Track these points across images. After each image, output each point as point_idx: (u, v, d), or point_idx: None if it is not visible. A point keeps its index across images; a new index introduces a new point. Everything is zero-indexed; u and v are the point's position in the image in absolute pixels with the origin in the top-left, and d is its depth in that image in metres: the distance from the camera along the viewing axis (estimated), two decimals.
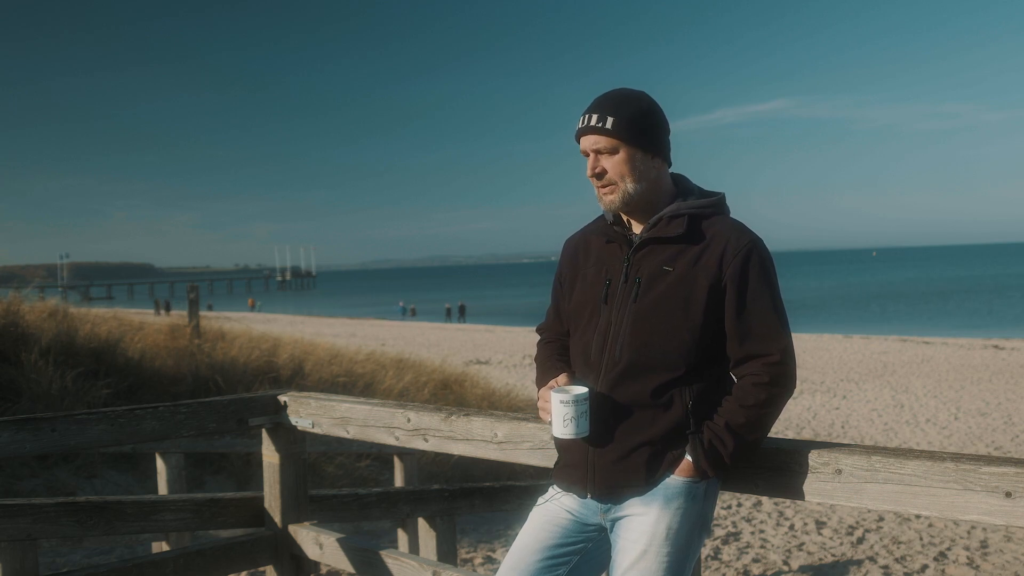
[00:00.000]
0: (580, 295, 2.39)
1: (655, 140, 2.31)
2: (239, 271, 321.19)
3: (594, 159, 2.31)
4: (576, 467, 2.31)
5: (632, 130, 2.27)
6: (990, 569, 6.33)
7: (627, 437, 2.23)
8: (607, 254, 2.36)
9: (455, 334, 35.06)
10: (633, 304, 2.25)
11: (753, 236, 2.26)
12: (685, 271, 2.22)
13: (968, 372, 19.82)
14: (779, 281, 2.27)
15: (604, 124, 2.27)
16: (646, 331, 2.22)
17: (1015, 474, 1.88)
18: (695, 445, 2.18)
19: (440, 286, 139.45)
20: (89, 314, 10.83)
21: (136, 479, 7.52)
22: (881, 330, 35.08)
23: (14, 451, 2.95)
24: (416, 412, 3.06)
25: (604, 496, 2.27)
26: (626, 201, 2.29)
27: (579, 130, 2.33)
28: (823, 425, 13.63)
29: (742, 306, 2.20)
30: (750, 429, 2.18)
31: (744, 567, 6.43)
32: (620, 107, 2.29)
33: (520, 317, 49.40)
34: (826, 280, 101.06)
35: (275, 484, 3.48)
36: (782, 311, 2.24)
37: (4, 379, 7.55)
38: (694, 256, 2.23)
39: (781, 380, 2.19)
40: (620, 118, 2.27)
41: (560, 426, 2.23)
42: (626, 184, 2.28)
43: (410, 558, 3.19)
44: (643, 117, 2.30)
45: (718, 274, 2.20)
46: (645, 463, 2.21)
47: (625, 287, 2.28)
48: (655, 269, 2.25)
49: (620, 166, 2.28)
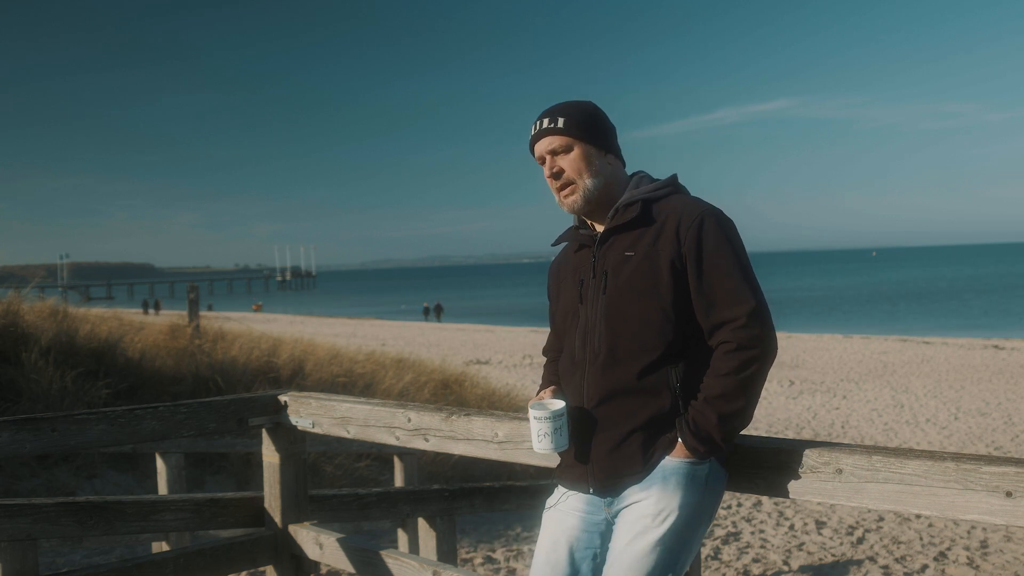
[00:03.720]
0: (563, 305, 2.44)
1: (606, 137, 2.38)
2: (239, 271, 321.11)
3: (551, 161, 2.35)
4: (575, 464, 2.33)
5: (584, 127, 2.33)
6: (990, 569, 6.33)
7: (618, 425, 2.24)
8: (580, 260, 2.42)
9: (455, 334, 35.05)
10: (603, 295, 2.29)
11: (706, 206, 2.27)
12: (646, 252, 2.25)
13: (968, 372, 19.81)
14: (748, 253, 2.25)
15: (556, 124, 2.33)
16: (619, 318, 2.25)
17: (1015, 474, 1.88)
18: (682, 425, 2.19)
19: (440, 286, 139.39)
20: (89, 314, 10.83)
21: (136, 479, 7.52)
22: (881, 330, 35.07)
23: (14, 451, 2.95)
24: (416, 412, 3.06)
25: (605, 489, 2.28)
26: (587, 199, 2.33)
27: (532, 136, 2.38)
28: (823, 425, 13.63)
29: (701, 275, 2.20)
30: (728, 399, 2.15)
31: (744, 567, 6.43)
32: (568, 109, 2.36)
33: (520, 317, 49.41)
34: (826, 280, 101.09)
35: (275, 484, 3.48)
36: (747, 273, 2.21)
37: (4, 379, 7.54)
38: (652, 236, 2.25)
39: (751, 343, 2.15)
40: (570, 117, 2.34)
41: (536, 441, 2.28)
42: (584, 180, 2.32)
43: (410, 558, 3.19)
44: (591, 116, 2.37)
45: (676, 248, 2.22)
46: (640, 448, 2.22)
47: (595, 282, 2.32)
48: (618, 257, 2.29)
49: (576, 163, 2.33)
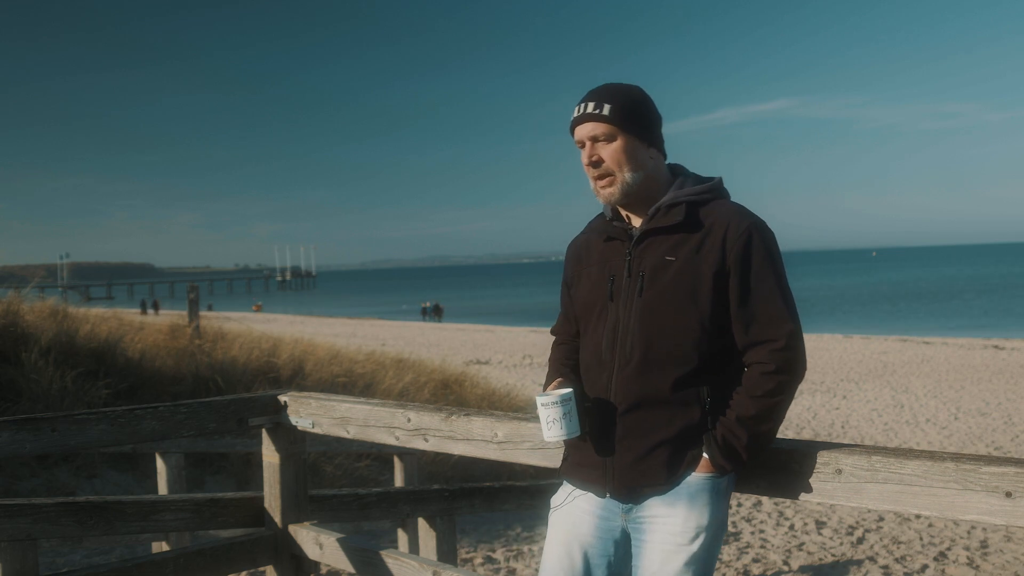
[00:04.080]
0: (586, 295, 2.34)
1: (651, 129, 2.27)
2: (239, 271, 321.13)
3: (590, 148, 2.24)
4: (594, 466, 2.26)
5: (630, 117, 2.22)
6: (990, 569, 6.33)
7: (646, 436, 2.18)
8: (609, 251, 2.31)
9: (455, 334, 35.05)
10: (639, 298, 2.20)
11: (754, 218, 2.22)
12: (688, 260, 2.17)
13: (968, 372, 19.80)
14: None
15: (601, 111, 2.21)
16: (655, 324, 2.18)
17: (1015, 474, 1.88)
18: (710, 442, 2.15)
19: (440, 286, 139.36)
20: (89, 314, 10.82)
21: (136, 479, 7.52)
22: (881, 330, 35.06)
23: (14, 451, 2.95)
24: (416, 412, 3.06)
25: (624, 497, 2.23)
26: (625, 192, 2.24)
27: (575, 119, 2.26)
28: (823, 425, 13.63)
29: (745, 291, 2.16)
30: (761, 420, 2.14)
31: (744, 567, 6.43)
32: (616, 95, 2.24)
33: (520, 317, 49.42)
34: (826, 280, 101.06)
35: (275, 484, 3.48)
36: (788, 294, 2.19)
37: (4, 379, 7.54)
38: (696, 244, 2.18)
39: (788, 367, 2.15)
40: (617, 105, 2.22)
41: (546, 429, 2.21)
42: (624, 174, 2.23)
43: (410, 558, 3.18)
44: (639, 105, 2.26)
45: (721, 260, 2.15)
46: (665, 463, 2.17)
47: (629, 281, 2.23)
48: (658, 260, 2.20)
49: (618, 154, 2.22)
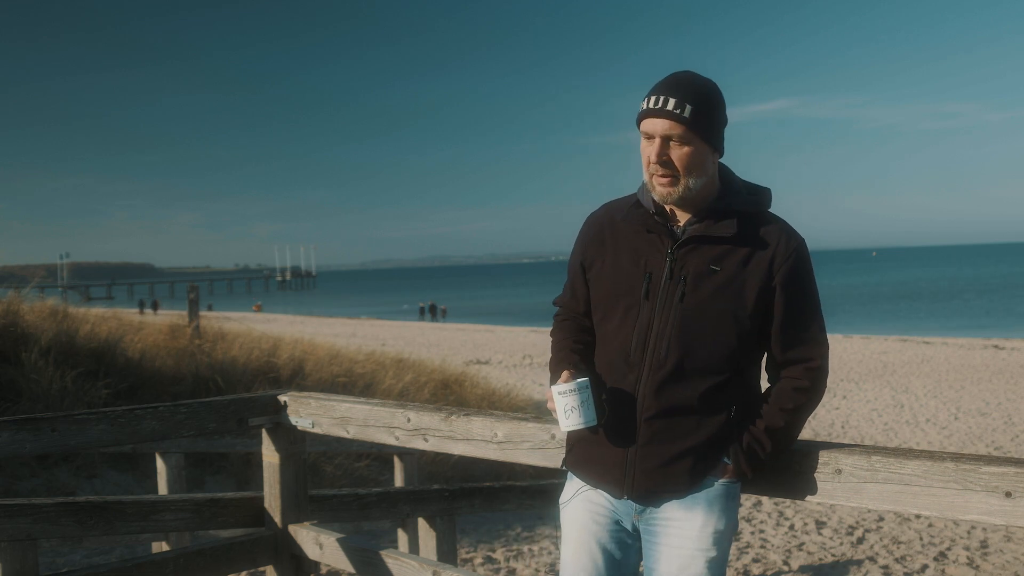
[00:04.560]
0: (612, 284, 2.25)
1: (721, 135, 2.21)
2: (239, 271, 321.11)
3: (661, 145, 2.14)
4: (611, 466, 2.22)
5: (709, 125, 2.14)
6: (990, 569, 6.33)
7: (671, 443, 2.16)
8: (646, 245, 2.22)
9: (455, 334, 35.04)
10: (679, 304, 2.14)
11: (800, 239, 2.20)
12: (734, 272, 2.14)
13: (968, 372, 19.80)
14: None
15: (683, 112, 2.11)
16: (694, 333, 2.14)
17: (1015, 474, 1.89)
18: (736, 450, 2.16)
19: (440, 286, 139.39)
20: (89, 314, 10.82)
21: (136, 479, 7.52)
22: (881, 330, 35.03)
23: (14, 451, 2.95)
24: (416, 412, 3.06)
25: (642, 500, 2.21)
26: (684, 196, 2.17)
27: (651, 110, 2.13)
28: (823, 425, 13.63)
29: (791, 311, 2.16)
30: (788, 431, 2.18)
31: (744, 567, 6.43)
32: (697, 96, 2.13)
33: (520, 317, 49.39)
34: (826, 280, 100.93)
35: (275, 484, 3.48)
36: (821, 315, 2.22)
37: (4, 379, 7.54)
38: (743, 257, 2.14)
39: (819, 384, 2.21)
40: (698, 109, 2.12)
41: (564, 418, 2.17)
42: (689, 179, 2.14)
43: (410, 558, 3.19)
44: (717, 111, 2.18)
45: (768, 277, 2.13)
46: (689, 470, 2.16)
47: (670, 284, 2.16)
48: (702, 268, 2.15)
49: (688, 159, 2.13)
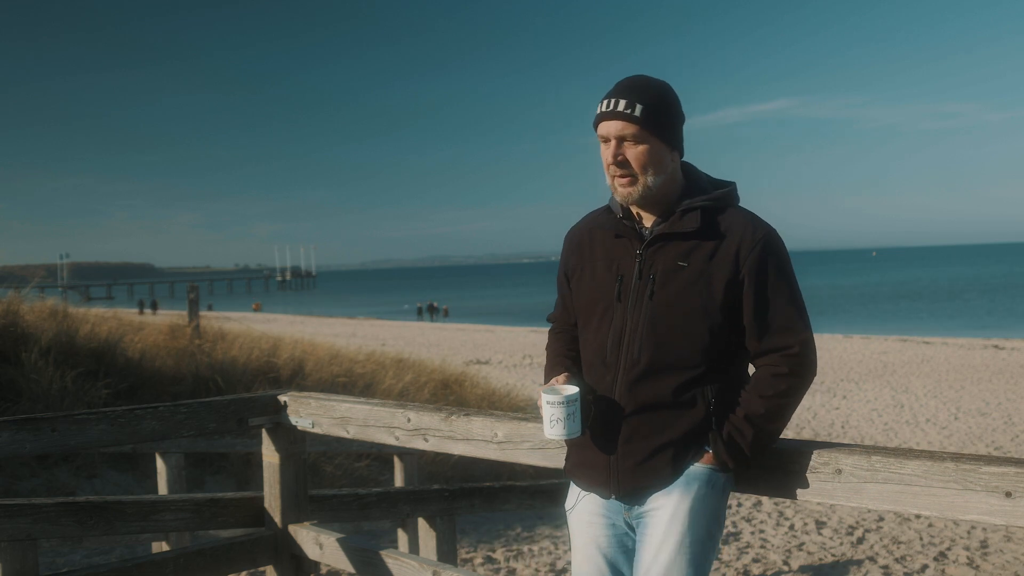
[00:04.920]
0: (590, 291, 2.31)
1: (677, 133, 2.25)
2: (239, 271, 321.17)
3: (616, 146, 2.20)
4: (598, 468, 2.26)
5: (660, 122, 2.19)
6: (990, 569, 6.33)
7: (650, 438, 2.18)
8: (617, 249, 2.28)
9: (455, 334, 35.04)
10: (649, 301, 2.19)
11: (768, 228, 2.22)
12: (701, 267, 2.17)
13: (968, 372, 19.80)
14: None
15: (633, 112, 2.16)
16: (664, 329, 2.17)
17: (1015, 474, 1.88)
18: (716, 439, 2.16)
19: (440, 286, 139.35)
20: (89, 314, 10.82)
21: (136, 479, 7.52)
22: (881, 330, 35.04)
23: (14, 451, 2.95)
24: (416, 412, 3.06)
25: (628, 497, 2.24)
26: (644, 195, 2.21)
27: (603, 114, 2.20)
28: (823, 425, 13.63)
29: (760, 301, 2.16)
30: (768, 419, 2.16)
31: (744, 567, 6.43)
32: (648, 95, 2.19)
33: (520, 317, 49.40)
34: (826, 280, 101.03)
35: (275, 484, 3.48)
36: (800, 302, 2.21)
37: (4, 379, 7.54)
38: (709, 251, 2.18)
39: (800, 369, 2.17)
40: (649, 107, 2.17)
41: (548, 427, 2.20)
42: (647, 177, 2.20)
43: (410, 558, 3.19)
44: (670, 108, 2.22)
45: (735, 269, 2.16)
46: (670, 463, 2.18)
47: (639, 284, 2.22)
48: (669, 265, 2.19)
49: (644, 157, 2.18)
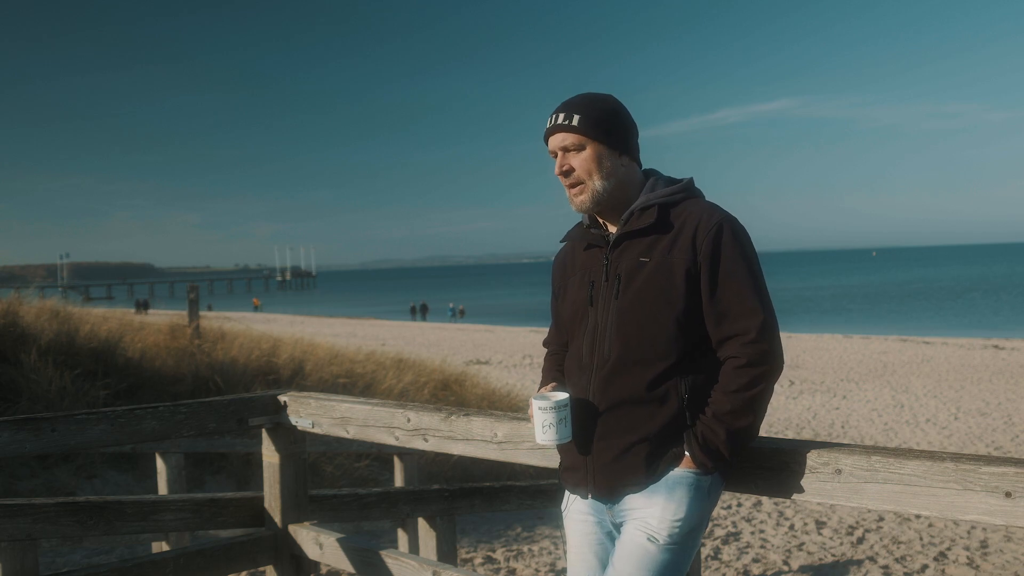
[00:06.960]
0: (570, 304, 2.39)
1: (622, 137, 2.32)
2: (239, 271, 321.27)
3: (561, 157, 2.31)
4: (578, 469, 2.30)
5: (598, 127, 2.29)
6: (990, 569, 6.33)
7: (623, 435, 2.21)
8: (589, 260, 2.37)
9: (455, 334, 35.05)
10: (615, 301, 2.25)
11: (723, 214, 2.25)
12: (661, 259, 2.21)
13: (968, 372, 19.81)
14: (761, 262, 2.24)
15: (570, 122, 2.28)
16: (631, 325, 2.22)
17: (1015, 474, 1.88)
18: (690, 439, 2.17)
19: (440, 286, 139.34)
20: (89, 314, 10.82)
21: (136, 479, 7.52)
22: (881, 330, 35.05)
23: (14, 451, 2.95)
24: (416, 412, 3.06)
25: (604, 496, 2.27)
26: (596, 200, 2.30)
27: (547, 130, 2.33)
28: (823, 425, 13.63)
29: (715, 286, 2.18)
30: (737, 415, 2.15)
31: (744, 567, 6.43)
32: (585, 106, 2.30)
33: (520, 317, 49.42)
34: (826, 280, 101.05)
35: (275, 484, 3.48)
36: (760, 287, 2.20)
37: (4, 379, 7.55)
38: (668, 243, 2.22)
39: (760, 359, 2.15)
40: (586, 116, 2.28)
41: (540, 432, 2.25)
42: (594, 182, 2.29)
43: (410, 558, 3.19)
44: (609, 115, 2.32)
45: (692, 256, 2.19)
46: (643, 461, 2.19)
47: (607, 286, 2.28)
48: (632, 263, 2.25)
49: (587, 163, 2.29)
